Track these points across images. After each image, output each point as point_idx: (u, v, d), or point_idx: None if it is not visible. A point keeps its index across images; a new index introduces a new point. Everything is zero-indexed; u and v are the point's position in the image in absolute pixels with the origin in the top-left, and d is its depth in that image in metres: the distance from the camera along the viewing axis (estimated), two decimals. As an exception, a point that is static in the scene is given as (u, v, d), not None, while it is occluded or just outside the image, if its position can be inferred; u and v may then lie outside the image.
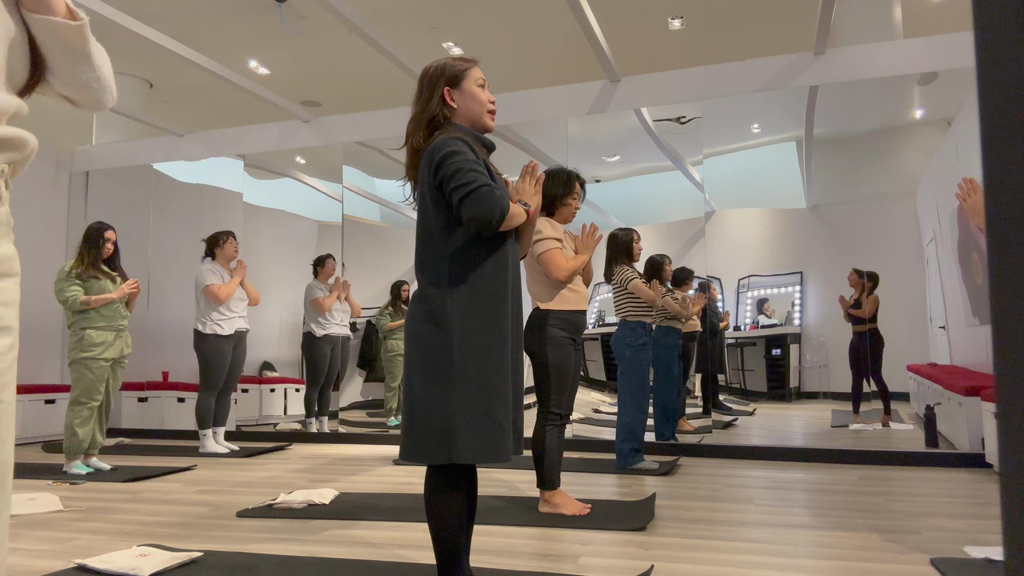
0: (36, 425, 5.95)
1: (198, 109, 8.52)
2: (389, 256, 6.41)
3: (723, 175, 5.25)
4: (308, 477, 4.11)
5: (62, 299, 4.27)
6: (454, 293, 1.79)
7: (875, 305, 4.69)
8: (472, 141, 1.88)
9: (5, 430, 0.95)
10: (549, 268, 3.05)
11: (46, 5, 1.01)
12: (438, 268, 1.81)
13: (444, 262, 1.81)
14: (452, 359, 1.76)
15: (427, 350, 1.78)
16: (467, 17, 6.45)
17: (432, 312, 1.79)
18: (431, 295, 1.81)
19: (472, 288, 1.80)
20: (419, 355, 1.80)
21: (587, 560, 2.35)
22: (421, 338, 1.80)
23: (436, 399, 1.76)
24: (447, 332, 1.77)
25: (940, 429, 4.44)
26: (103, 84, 1.12)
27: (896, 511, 3.03)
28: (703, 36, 6.80)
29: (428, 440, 1.75)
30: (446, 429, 1.74)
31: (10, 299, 0.99)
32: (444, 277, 1.80)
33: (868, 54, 4.73)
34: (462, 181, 1.76)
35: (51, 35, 1.03)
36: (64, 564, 2.39)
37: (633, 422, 4.07)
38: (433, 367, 1.77)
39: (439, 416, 1.75)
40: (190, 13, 6.25)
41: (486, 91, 1.96)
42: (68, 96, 1.12)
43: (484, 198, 1.75)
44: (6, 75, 1.00)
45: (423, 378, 1.78)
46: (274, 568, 2.30)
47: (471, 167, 1.79)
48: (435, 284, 1.81)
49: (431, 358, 1.78)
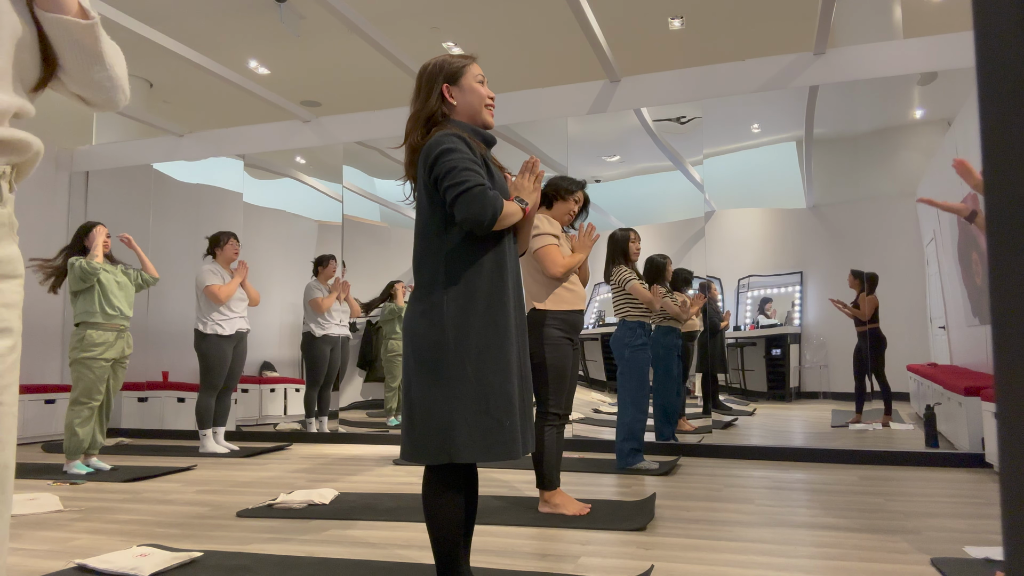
0: (36, 425, 5.95)
1: (198, 109, 8.52)
2: (389, 256, 6.41)
3: (723, 175, 5.25)
4: (308, 477, 4.11)
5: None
6: (450, 291, 1.78)
7: (873, 306, 4.69)
8: (471, 137, 1.87)
9: (6, 432, 0.94)
10: (545, 264, 3.05)
11: (58, 4, 1.00)
12: (434, 266, 1.80)
13: (440, 260, 1.80)
14: (449, 358, 1.75)
15: (424, 349, 1.78)
16: (467, 17, 6.45)
17: (428, 311, 1.79)
18: (427, 293, 1.80)
19: (468, 286, 1.79)
20: (416, 354, 1.79)
21: (587, 560, 2.35)
22: (418, 338, 1.79)
23: (434, 399, 1.75)
24: (444, 331, 1.76)
25: (940, 429, 4.44)
26: (115, 83, 1.10)
27: (896, 511, 3.03)
28: (703, 36, 6.80)
29: (428, 440, 1.74)
30: (445, 429, 1.73)
31: (12, 301, 0.98)
32: (440, 275, 1.79)
33: (868, 54, 4.73)
34: (455, 180, 1.75)
35: (63, 34, 1.02)
36: (64, 564, 2.39)
37: (633, 422, 4.07)
38: (430, 366, 1.76)
39: (437, 416, 1.74)
40: (190, 13, 6.25)
41: (485, 87, 1.95)
42: (81, 95, 1.11)
43: (476, 199, 1.74)
44: (14, 74, 0.99)
45: (421, 378, 1.77)
46: (274, 568, 2.30)
47: (465, 165, 1.77)
48: (431, 282, 1.80)
49: (428, 357, 1.77)
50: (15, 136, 0.99)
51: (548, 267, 3.05)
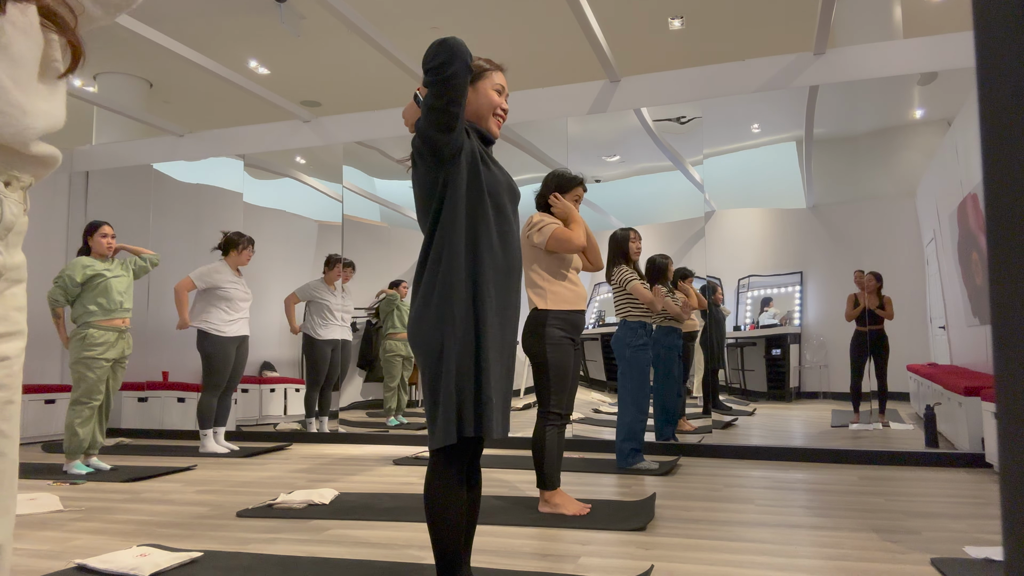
0: (36, 425, 5.95)
1: (198, 109, 8.52)
2: (389, 256, 6.40)
3: (723, 175, 5.25)
4: (308, 477, 4.11)
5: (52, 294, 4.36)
6: (439, 270, 1.78)
7: (891, 305, 4.71)
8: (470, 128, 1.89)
9: (12, 429, 0.97)
10: (562, 244, 3.05)
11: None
12: (431, 247, 1.81)
13: (438, 241, 1.79)
14: (443, 340, 1.75)
15: (424, 333, 1.78)
16: (467, 17, 6.45)
17: (425, 294, 1.79)
18: (424, 275, 1.81)
19: (455, 262, 1.77)
20: (419, 338, 1.79)
21: (587, 560, 2.35)
22: (421, 324, 1.79)
23: (437, 379, 1.75)
24: (437, 311, 1.76)
25: (940, 429, 4.44)
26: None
27: (896, 511, 3.03)
28: (703, 36, 6.80)
29: (440, 421, 1.74)
30: (447, 407, 1.73)
31: (22, 304, 1.03)
32: (435, 255, 1.79)
33: (868, 54, 4.73)
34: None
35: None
36: (64, 564, 2.39)
37: (633, 422, 4.07)
38: (431, 350, 1.77)
39: (444, 396, 1.74)
40: (190, 13, 6.25)
41: (502, 98, 1.95)
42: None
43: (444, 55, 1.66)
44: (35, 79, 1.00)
45: (427, 363, 1.78)
46: (274, 568, 2.30)
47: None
48: (424, 262, 1.81)
49: (427, 341, 1.77)
50: (49, 152, 1.02)
51: (565, 245, 3.04)
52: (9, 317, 0.99)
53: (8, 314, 0.98)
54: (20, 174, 0.98)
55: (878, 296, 4.71)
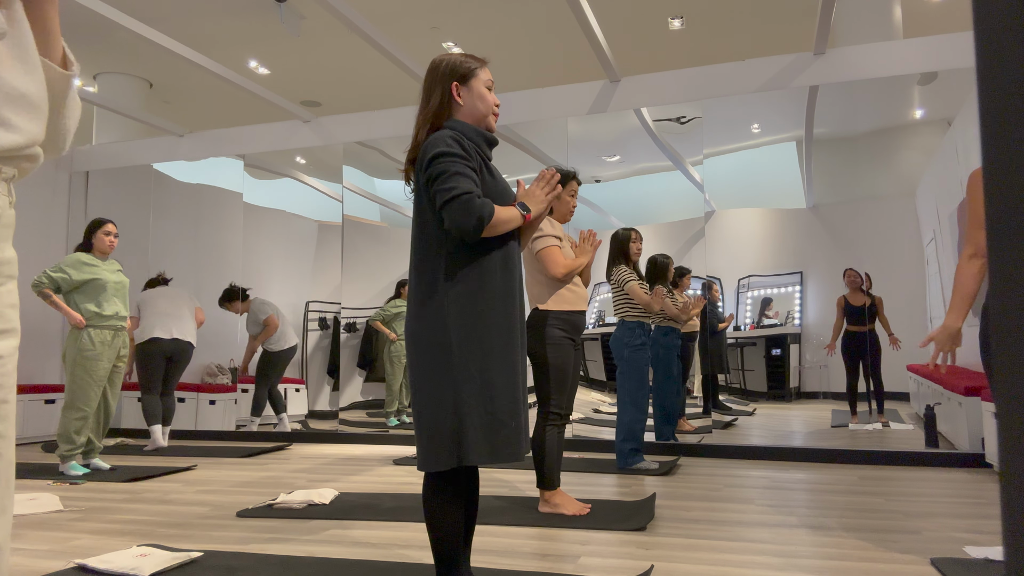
0: (36, 425, 5.94)
1: (198, 109, 8.52)
2: (389, 256, 6.40)
3: (723, 175, 5.24)
4: (308, 477, 4.11)
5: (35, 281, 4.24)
6: (452, 291, 1.76)
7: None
8: (474, 136, 1.87)
9: (9, 429, 0.97)
10: (547, 264, 3.05)
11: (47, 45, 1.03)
12: (435, 265, 1.78)
13: (441, 259, 1.78)
14: (453, 360, 1.73)
15: (428, 352, 1.76)
16: (467, 17, 6.45)
17: (430, 312, 1.76)
18: (429, 295, 1.77)
19: (470, 285, 1.76)
20: (419, 357, 1.77)
21: (587, 560, 2.35)
22: (421, 341, 1.77)
23: (440, 402, 1.73)
24: (447, 332, 1.74)
25: (940, 429, 4.44)
26: (64, 135, 1.13)
27: (896, 511, 3.03)
28: (703, 36, 6.81)
29: (437, 446, 1.72)
30: (452, 432, 1.71)
31: (13, 301, 1.01)
32: (441, 274, 1.77)
33: (868, 54, 4.73)
34: (444, 186, 1.74)
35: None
36: (64, 564, 2.39)
37: (633, 422, 4.07)
38: (435, 369, 1.74)
39: (445, 420, 1.72)
40: (190, 13, 6.25)
41: (492, 94, 1.95)
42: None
43: (462, 207, 1.72)
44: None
45: (426, 382, 1.75)
46: (274, 568, 2.30)
47: (456, 170, 1.75)
48: (432, 282, 1.77)
49: (432, 360, 1.75)
50: (36, 149, 1.02)
51: (550, 268, 3.05)
52: (3, 314, 0.98)
53: (2, 311, 0.97)
54: (3, 166, 0.97)
55: (868, 295, 4.73)
